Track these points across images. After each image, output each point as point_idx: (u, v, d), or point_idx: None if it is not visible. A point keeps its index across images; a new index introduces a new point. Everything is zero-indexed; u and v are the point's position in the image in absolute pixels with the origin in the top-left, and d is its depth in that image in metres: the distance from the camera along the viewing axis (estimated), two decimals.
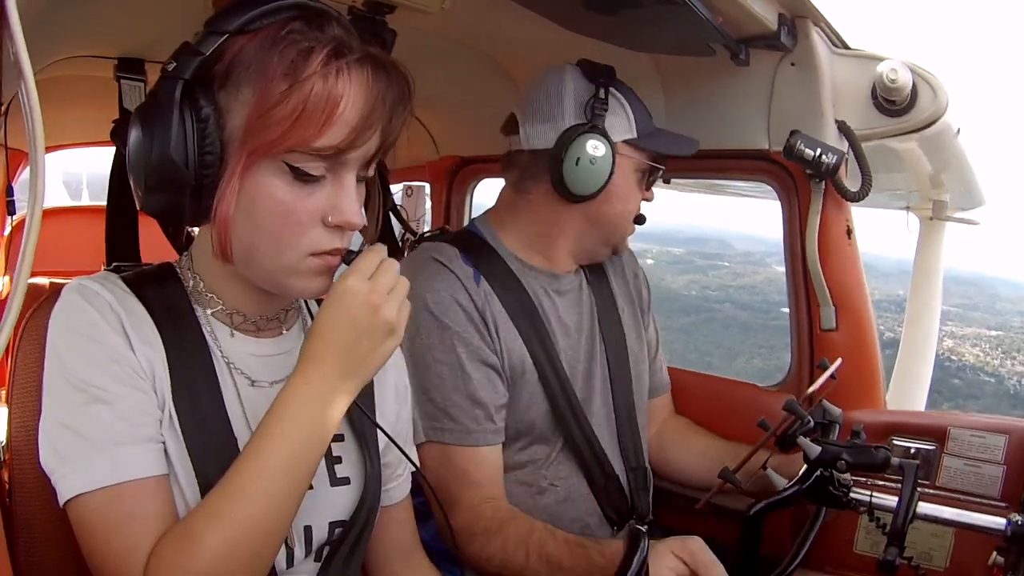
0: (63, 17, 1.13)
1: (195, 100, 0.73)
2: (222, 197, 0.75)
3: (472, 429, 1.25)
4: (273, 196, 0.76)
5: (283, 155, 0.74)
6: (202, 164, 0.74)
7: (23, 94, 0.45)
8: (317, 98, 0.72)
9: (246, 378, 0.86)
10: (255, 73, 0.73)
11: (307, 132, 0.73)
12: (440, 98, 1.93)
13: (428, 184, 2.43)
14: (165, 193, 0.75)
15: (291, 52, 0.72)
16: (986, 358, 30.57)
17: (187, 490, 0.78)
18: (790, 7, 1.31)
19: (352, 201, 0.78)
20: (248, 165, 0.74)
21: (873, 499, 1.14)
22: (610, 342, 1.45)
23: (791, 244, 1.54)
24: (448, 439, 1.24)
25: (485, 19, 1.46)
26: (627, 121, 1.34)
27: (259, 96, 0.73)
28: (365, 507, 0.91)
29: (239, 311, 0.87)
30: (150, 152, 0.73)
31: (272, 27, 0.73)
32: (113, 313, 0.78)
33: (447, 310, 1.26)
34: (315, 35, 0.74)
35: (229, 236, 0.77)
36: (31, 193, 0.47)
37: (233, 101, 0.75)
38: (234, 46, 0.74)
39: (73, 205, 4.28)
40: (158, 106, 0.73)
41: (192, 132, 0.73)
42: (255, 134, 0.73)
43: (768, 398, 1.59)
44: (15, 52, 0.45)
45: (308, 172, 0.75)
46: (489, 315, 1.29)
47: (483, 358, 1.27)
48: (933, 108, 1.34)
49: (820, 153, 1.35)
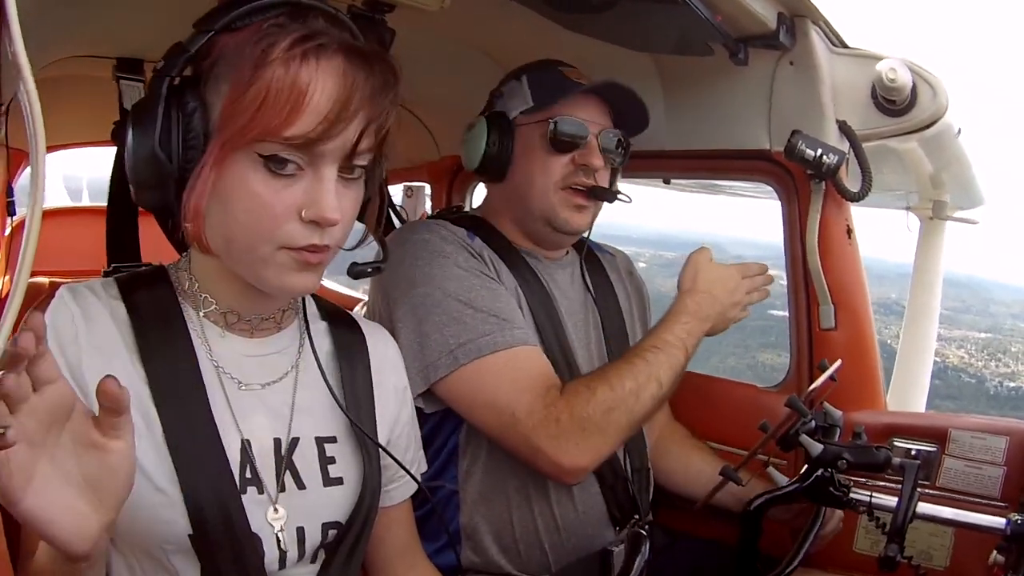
0: (62, 17, 1.13)
1: (182, 97, 0.75)
2: (193, 188, 0.76)
3: (492, 331, 1.20)
4: (247, 188, 0.75)
5: (254, 145, 0.73)
6: (186, 159, 0.75)
7: (22, 94, 0.45)
8: (280, 84, 0.71)
9: (235, 381, 0.86)
10: (231, 66, 0.74)
11: (273, 120, 0.72)
12: (440, 98, 1.93)
13: (428, 185, 2.43)
14: (154, 188, 0.77)
15: (263, 43, 0.72)
16: (970, 359, 30.64)
17: (169, 489, 0.78)
18: (789, 6, 1.30)
19: (330, 196, 0.76)
20: (221, 157, 0.74)
21: (873, 499, 1.14)
22: (610, 332, 1.45)
23: (791, 244, 1.54)
24: (470, 355, 1.18)
25: (485, 19, 1.47)
26: (523, 95, 1.35)
27: (231, 87, 0.74)
28: (363, 508, 0.91)
29: (233, 310, 0.87)
30: (140, 148, 0.75)
31: (256, 24, 0.74)
32: (72, 326, 0.79)
33: (444, 248, 1.26)
34: (294, 27, 0.74)
35: (201, 227, 0.77)
36: (31, 193, 0.47)
37: (214, 95, 0.76)
38: (220, 44, 0.75)
39: (73, 206, 4.28)
40: (148, 104, 0.75)
41: (177, 128, 0.75)
42: (226, 124, 0.74)
43: (768, 399, 1.59)
44: (14, 52, 0.45)
45: (281, 163, 0.74)
46: (488, 263, 1.30)
47: (489, 276, 1.27)
48: (933, 108, 1.34)
49: (821, 153, 1.35)
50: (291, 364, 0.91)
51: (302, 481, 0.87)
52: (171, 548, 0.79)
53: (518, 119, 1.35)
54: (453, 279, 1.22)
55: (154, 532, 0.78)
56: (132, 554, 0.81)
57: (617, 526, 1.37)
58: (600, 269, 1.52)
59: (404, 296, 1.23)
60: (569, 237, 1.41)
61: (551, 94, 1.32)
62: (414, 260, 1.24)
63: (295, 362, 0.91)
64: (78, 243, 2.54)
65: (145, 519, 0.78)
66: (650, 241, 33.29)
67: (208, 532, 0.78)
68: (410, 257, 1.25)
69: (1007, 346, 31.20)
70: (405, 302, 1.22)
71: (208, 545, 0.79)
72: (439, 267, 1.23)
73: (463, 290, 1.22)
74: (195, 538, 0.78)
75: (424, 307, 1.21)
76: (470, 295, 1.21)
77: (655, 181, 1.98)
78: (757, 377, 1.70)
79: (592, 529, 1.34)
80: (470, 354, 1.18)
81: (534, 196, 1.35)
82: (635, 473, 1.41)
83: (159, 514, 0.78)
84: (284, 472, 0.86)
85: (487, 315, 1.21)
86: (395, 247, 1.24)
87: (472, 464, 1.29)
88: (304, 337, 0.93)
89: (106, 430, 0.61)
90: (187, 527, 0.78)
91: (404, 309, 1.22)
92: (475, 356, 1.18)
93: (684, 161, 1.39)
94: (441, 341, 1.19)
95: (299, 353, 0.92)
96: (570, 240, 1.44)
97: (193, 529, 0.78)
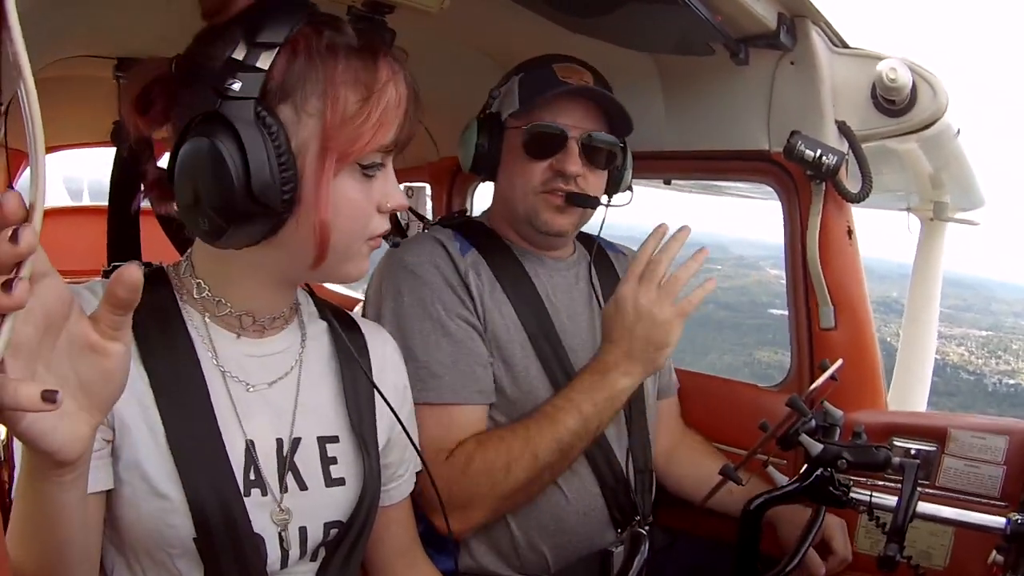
0: (62, 17, 1.13)
1: (263, 120, 0.74)
2: (316, 206, 0.77)
3: (456, 387, 1.24)
4: (348, 196, 0.80)
5: (361, 158, 0.79)
6: (283, 181, 0.75)
7: (22, 94, 0.45)
8: (391, 103, 0.79)
9: (241, 383, 0.86)
10: (319, 84, 0.76)
11: (387, 134, 0.80)
12: (440, 98, 1.92)
13: (428, 185, 2.43)
14: (255, 224, 0.75)
15: (354, 61, 0.77)
16: (970, 357, 30.59)
17: (172, 493, 0.78)
18: (790, 7, 1.30)
19: (397, 186, 0.86)
20: (338, 170, 0.78)
21: (873, 499, 1.14)
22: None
23: (792, 245, 1.54)
24: (432, 398, 1.22)
25: (485, 19, 1.47)
26: (512, 97, 1.34)
27: (333, 105, 0.76)
28: (364, 507, 0.91)
29: (248, 312, 0.87)
30: (239, 182, 0.72)
31: (299, 35, 0.75)
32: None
33: (424, 272, 1.28)
34: (345, 39, 0.78)
35: (329, 241, 0.80)
36: (32, 194, 0.47)
37: (300, 113, 0.76)
38: (280, 60, 0.74)
39: (74, 205, 4.28)
40: (236, 135, 0.72)
41: (272, 155, 0.74)
42: (339, 142, 0.77)
43: (769, 398, 1.59)
44: (14, 52, 0.45)
45: (375, 167, 0.81)
46: (473, 282, 1.30)
47: (462, 316, 1.28)
48: (933, 108, 1.34)
49: (821, 154, 1.35)
50: (294, 361, 0.91)
51: (304, 482, 0.87)
52: (175, 552, 0.79)
53: (508, 121, 1.35)
54: (410, 317, 1.26)
55: (158, 536, 0.78)
56: (135, 557, 0.81)
57: (618, 528, 1.37)
58: (610, 269, 1.51)
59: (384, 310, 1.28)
60: (557, 239, 1.40)
61: (533, 97, 1.30)
62: (398, 291, 1.28)
63: (298, 358, 0.91)
64: (79, 243, 2.54)
65: (149, 523, 0.78)
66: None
67: (212, 535, 0.78)
68: (395, 288, 1.29)
69: (1008, 344, 31.22)
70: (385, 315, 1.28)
71: (212, 548, 0.79)
72: (408, 297, 1.27)
73: (418, 339, 1.25)
74: (199, 541, 0.78)
75: (401, 319, 1.26)
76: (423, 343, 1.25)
77: (655, 182, 1.97)
78: (754, 375, 1.71)
79: (592, 530, 1.34)
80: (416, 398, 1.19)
81: (516, 199, 1.36)
82: (637, 475, 1.40)
83: (163, 518, 0.78)
84: (286, 474, 0.86)
85: (429, 366, 1.23)
86: (396, 268, 1.29)
87: None
88: (306, 335, 0.94)
89: (106, 330, 0.57)
90: (191, 531, 0.78)
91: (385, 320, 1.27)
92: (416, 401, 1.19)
93: (684, 162, 1.39)
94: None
95: (301, 351, 0.92)
96: (560, 241, 1.42)
97: (197, 532, 0.78)
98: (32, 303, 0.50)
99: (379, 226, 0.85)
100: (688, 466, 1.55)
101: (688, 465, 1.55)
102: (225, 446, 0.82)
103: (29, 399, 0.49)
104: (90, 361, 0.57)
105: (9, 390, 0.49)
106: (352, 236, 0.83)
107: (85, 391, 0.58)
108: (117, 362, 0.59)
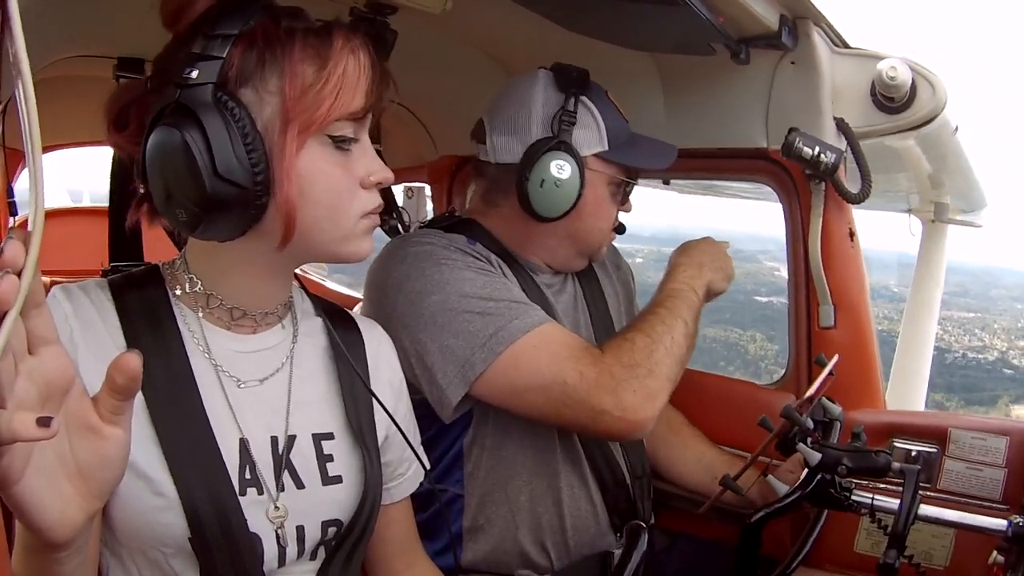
0: (62, 17, 1.13)
1: (224, 104, 0.74)
2: (281, 183, 0.77)
3: (518, 315, 1.18)
4: (324, 171, 0.80)
5: (327, 128, 0.79)
6: (252, 163, 0.74)
7: (19, 95, 0.45)
8: (349, 69, 0.79)
9: (233, 379, 0.86)
10: (278, 64, 0.76)
11: (350, 101, 0.79)
12: (440, 98, 1.93)
13: (428, 185, 2.43)
14: (231, 209, 0.75)
15: (311, 39, 0.78)
16: (942, 335, 30.41)
17: (166, 492, 0.77)
18: (792, 8, 1.30)
19: (377, 159, 0.85)
20: (300, 145, 0.78)
21: (875, 501, 1.14)
22: (600, 330, 1.44)
23: (793, 245, 1.53)
24: (503, 342, 1.16)
25: (486, 20, 1.46)
26: (597, 133, 1.29)
27: (291, 80, 0.76)
28: (366, 506, 0.90)
29: (239, 306, 0.87)
30: (206, 166, 0.72)
31: (257, 25, 0.76)
32: (66, 325, 0.78)
33: (448, 253, 1.23)
34: (303, 24, 0.79)
35: (296, 218, 0.79)
36: (32, 194, 0.47)
37: (261, 93, 0.76)
38: (237, 48, 0.75)
39: (74, 206, 4.28)
40: (196, 119, 0.72)
41: (236, 136, 0.74)
42: (300, 114, 0.76)
43: (766, 396, 1.59)
44: (14, 52, 0.45)
45: (347, 140, 0.81)
46: (496, 267, 1.28)
47: (496, 272, 1.25)
48: (932, 105, 1.33)
49: (819, 151, 1.33)
50: (285, 357, 0.90)
51: (300, 480, 0.87)
52: (170, 551, 0.79)
53: (590, 161, 1.28)
54: (466, 280, 1.20)
55: (152, 535, 0.78)
56: (130, 557, 0.80)
57: (618, 532, 1.37)
58: (592, 277, 1.51)
59: (419, 310, 1.18)
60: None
61: (623, 145, 1.31)
62: (420, 272, 1.20)
63: (288, 354, 0.91)
64: (79, 243, 2.54)
65: (143, 523, 0.77)
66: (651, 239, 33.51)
67: (206, 534, 0.78)
68: (415, 270, 1.21)
69: (990, 323, 31.10)
70: (422, 315, 1.18)
71: (207, 546, 0.78)
72: (448, 272, 1.20)
73: (478, 287, 1.20)
74: (194, 540, 0.78)
75: (444, 313, 1.17)
76: (486, 290, 1.20)
77: (655, 182, 1.97)
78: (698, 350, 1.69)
79: (594, 530, 1.34)
80: (503, 341, 1.16)
81: (593, 239, 1.37)
82: (636, 480, 1.40)
83: (157, 518, 0.77)
84: (283, 472, 0.86)
85: (508, 303, 1.19)
86: (396, 264, 1.23)
87: (476, 467, 1.29)
88: (298, 331, 0.93)
89: (106, 414, 0.56)
90: (186, 530, 0.78)
91: (423, 321, 1.18)
92: (509, 342, 1.16)
93: (683, 160, 1.39)
94: (471, 338, 1.16)
95: (292, 347, 0.92)
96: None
97: (191, 531, 0.78)
98: (34, 365, 0.50)
99: (369, 202, 0.85)
100: (673, 445, 1.55)
101: (673, 444, 1.55)
102: (218, 443, 0.81)
103: (23, 425, 0.47)
104: (88, 443, 0.56)
105: (3, 419, 0.47)
106: (337, 211, 0.82)
107: (83, 475, 0.56)
108: (116, 448, 0.57)
